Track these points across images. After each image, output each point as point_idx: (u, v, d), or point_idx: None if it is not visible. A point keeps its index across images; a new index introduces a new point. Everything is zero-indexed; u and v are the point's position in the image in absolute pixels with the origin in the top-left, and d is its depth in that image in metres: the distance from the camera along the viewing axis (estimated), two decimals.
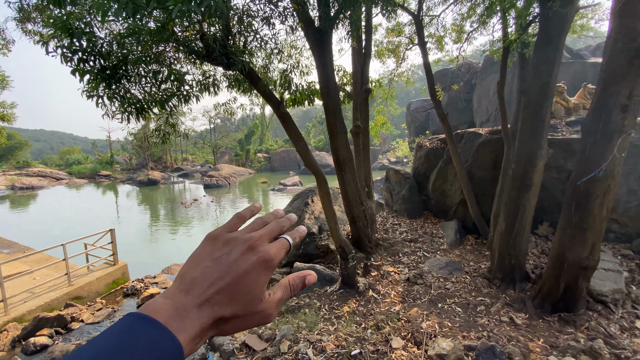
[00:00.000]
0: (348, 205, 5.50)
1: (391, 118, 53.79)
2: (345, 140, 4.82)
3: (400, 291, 4.48)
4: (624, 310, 3.53)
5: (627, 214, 5.13)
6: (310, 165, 4.11)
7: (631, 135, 2.96)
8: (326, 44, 4.46)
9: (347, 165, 5.13)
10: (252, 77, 3.51)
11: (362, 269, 5.30)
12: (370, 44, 6.05)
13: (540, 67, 3.96)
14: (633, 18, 2.74)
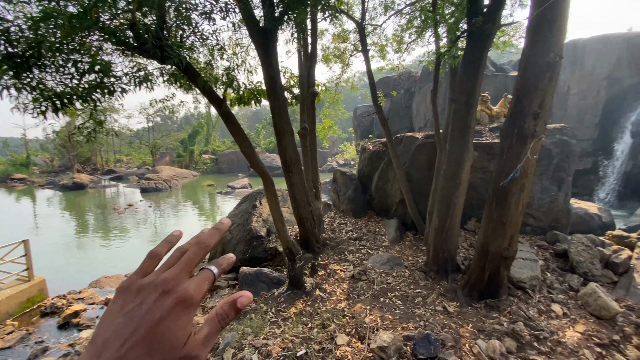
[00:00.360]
0: (296, 207, 5.49)
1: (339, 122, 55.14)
2: (292, 141, 4.82)
3: (346, 288, 4.60)
4: (541, 295, 4.03)
5: (541, 209, 5.90)
6: (256, 167, 4.01)
7: (542, 139, 3.41)
8: (271, 44, 4.42)
9: (295, 166, 5.13)
10: (190, 73, 3.33)
11: (310, 269, 5.33)
12: (315, 47, 6.14)
13: (466, 78, 4.37)
14: (544, 36, 3.16)
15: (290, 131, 4.72)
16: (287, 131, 4.63)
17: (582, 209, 9.38)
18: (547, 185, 5.75)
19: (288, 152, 4.73)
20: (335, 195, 8.32)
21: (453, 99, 4.57)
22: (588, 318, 3.51)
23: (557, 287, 4.08)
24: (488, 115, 6.74)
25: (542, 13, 3.02)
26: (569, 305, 3.74)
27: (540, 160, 5.91)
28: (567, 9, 3.03)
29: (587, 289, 3.70)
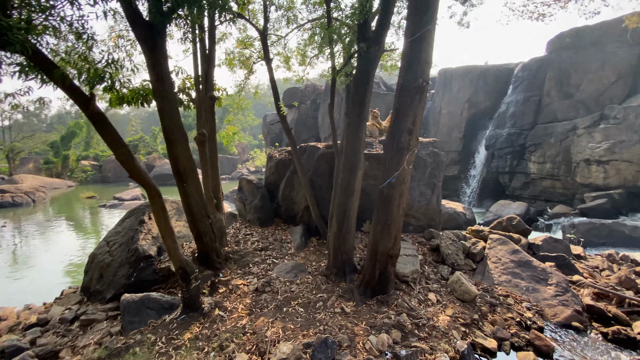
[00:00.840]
0: (192, 220, 5.06)
1: (250, 128, 53.99)
2: (185, 148, 4.42)
3: (248, 303, 4.42)
4: (420, 286, 4.61)
5: (420, 211, 6.82)
6: (137, 177, 3.53)
7: (415, 152, 3.93)
8: (158, 41, 4.00)
9: (190, 176, 4.72)
10: (43, 64, 2.72)
11: (209, 287, 4.96)
12: (214, 49, 5.85)
13: (357, 95, 4.78)
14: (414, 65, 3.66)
15: (184, 137, 4.33)
16: (179, 137, 4.24)
17: (452, 209, 11.24)
18: (423, 190, 6.70)
19: (181, 160, 4.33)
20: (241, 205, 8.01)
21: (347, 113, 4.93)
22: (455, 302, 4.18)
23: (433, 277, 4.76)
24: (378, 128, 7.53)
25: (412, 46, 3.52)
26: (441, 292, 4.39)
27: (418, 169, 6.88)
28: (432, 44, 3.61)
29: (454, 277, 4.41)
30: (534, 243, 5.87)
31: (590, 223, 9.01)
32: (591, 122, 12.53)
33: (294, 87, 27.47)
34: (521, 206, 12.43)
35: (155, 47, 3.98)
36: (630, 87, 12.42)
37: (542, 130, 14.34)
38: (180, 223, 6.85)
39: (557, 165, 13.51)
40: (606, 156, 11.75)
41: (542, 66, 15.17)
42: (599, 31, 13.18)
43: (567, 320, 3.93)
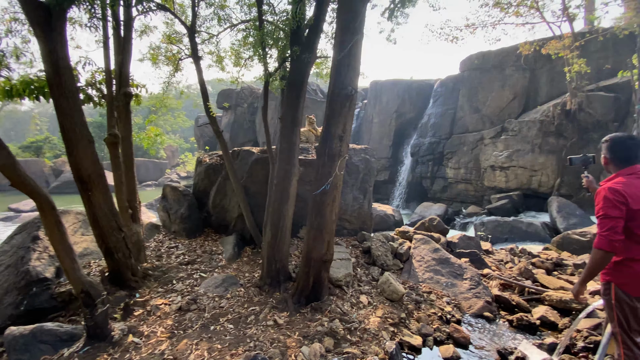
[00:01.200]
0: (100, 234, 4.40)
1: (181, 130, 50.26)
2: (90, 151, 3.81)
3: (170, 325, 3.97)
4: (353, 289, 4.68)
5: (353, 215, 7.00)
6: (21, 185, 2.89)
7: (346, 158, 3.99)
8: (56, 26, 3.40)
9: (96, 183, 4.10)
10: None
11: (122, 311, 4.33)
12: (130, 41, 5.24)
13: (290, 99, 4.72)
14: (344, 74, 3.72)
15: (87, 138, 3.74)
16: (81, 138, 3.64)
17: (382, 211, 11.86)
18: (356, 195, 6.92)
19: (84, 164, 3.72)
20: (165, 215, 7.28)
21: (281, 118, 4.83)
22: (385, 302, 4.33)
23: (364, 279, 4.88)
24: (314, 134, 7.58)
25: (342, 55, 3.58)
26: (372, 294, 4.52)
27: (351, 174, 7.10)
28: (360, 53, 3.73)
29: (383, 277, 4.58)
30: (451, 241, 6.47)
31: (496, 221, 10.36)
32: (495, 134, 14.52)
33: (229, 89, 26.42)
34: (441, 207, 13.75)
35: (51, 33, 3.37)
36: (524, 104, 14.75)
37: (457, 139, 16.14)
38: (88, 237, 5.95)
39: (469, 170, 15.31)
40: (507, 163, 13.70)
41: (456, 83, 17.14)
42: (499, 56, 15.43)
43: (480, 311, 4.35)
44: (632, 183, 2.01)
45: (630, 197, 1.95)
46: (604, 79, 12.39)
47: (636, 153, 2.11)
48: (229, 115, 26.39)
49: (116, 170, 5.17)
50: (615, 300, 2.08)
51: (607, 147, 2.24)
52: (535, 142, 12.99)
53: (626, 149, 2.12)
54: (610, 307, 2.13)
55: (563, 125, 12.42)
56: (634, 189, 1.98)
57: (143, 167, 33.18)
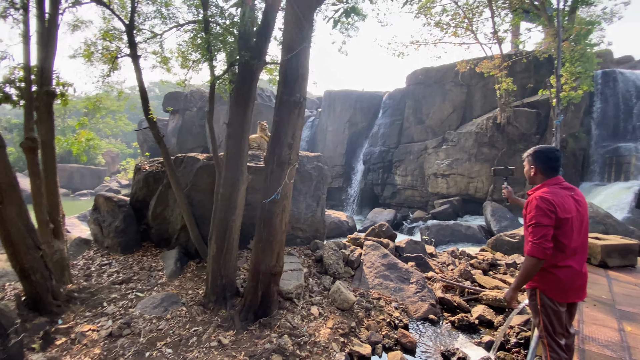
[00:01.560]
0: (14, 253, 3.79)
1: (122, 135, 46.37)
2: (1, 158, 3.26)
3: (97, 354, 3.50)
4: (304, 301, 4.56)
5: (306, 223, 6.92)
6: None
7: (296, 166, 3.92)
8: None
9: (7, 194, 3.53)
10: None
11: (41, 340, 3.73)
12: (55, 35, 4.66)
13: (238, 104, 4.53)
14: (292, 80, 3.66)
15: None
16: None
17: (337, 218, 11.98)
18: (309, 203, 6.88)
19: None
20: (97, 228, 6.52)
21: (228, 123, 4.61)
22: (336, 312, 4.29)
23: (316, 289, 4.81)
24: (267, 141, 7.41)
25: (289, 62, 3.54)
26: (323, 304, 4.45)
27: (305, 182, 7.05)
28: (308, 61, 3.71)
29: (334, 287, 4.54)
30: (399, 246, 6.70)
31: (439, 225, 11.03)
32: (437, 144, 15.58)
33: (177, 92, 24.98)
34: (391, 213, 14.31)
35: None
36: (461, 117, 16.07)
37: (404, 149, 17.03)
38: (2, 257, 5.11)
39: (415, 178, 16.21)
40: (447, 171, 14.74)
41: (403, 96, 18.15)
42: (440, 72, 16.69)
43: (425, 314, 4.52)
44: (558, 192, 2.09)
45: (558, 206, 2.03)
46: (528, 96, 14.03)
47: (559, 164, 2.27)
48: (176, 120, 24.94)
49: (34, 179, 4.50)
50: (541, 305, 2.16)
51: (535, 158, 2.28)
52: (472, 151, 14.20)
53: (553, 160, 2.22)
54: (536, 312, 2.21)
55: (495, 137, 13.76)
56: (560, 198, 2.07)
57: (77, 175, 29.84)
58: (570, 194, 2.14)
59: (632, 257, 4.79)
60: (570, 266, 2.08)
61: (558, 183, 2.19)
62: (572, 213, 2.07)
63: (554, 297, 2.12)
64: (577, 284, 2.12)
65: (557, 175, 2.23)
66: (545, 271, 2.12)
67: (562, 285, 2.10)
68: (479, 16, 13.62)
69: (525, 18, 13.24)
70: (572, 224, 2.06)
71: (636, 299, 3.65)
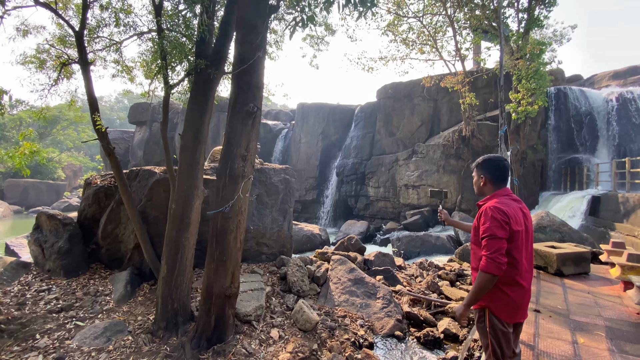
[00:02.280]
0: None
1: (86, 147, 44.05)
2: None
3: None
4: (264, 323, 4.27)
5: (272, 238, 6.66)
6: None
7: (251, 179, 3.71)
8: None
9: None
10: None
11: None
12: None
13: (193, 115, 4.30)
14: (245, 89, 3.50)
15: None
16: None
17: (309, 231, 11.74)
18: (276, 217, 6.64)
19: None
20: (37, 249, 5.89)
21: (182, 134, 4.35)
22: (297, 334, 4.04)
23: (278, 310, 4.54)
24: None
25: (243, 71, 3.38)
26: (285, 326, 4.19)
27: (271, 195, 6.83)
28: (262, 70, 3.58)
29: (297, 306, 4.31)
30: (368, 259, 6.58)
31: (409, 236, 11.09)
32: (407, 156, 15.90)
33: (144, 103, 24.08)
34: (364, 225, 14.29)
35: None
36: (429, 130, 16.57)
37: (376, 160, 17.24)
38: None
39: (388, 189, 16.38)
40: (417, 182, 15.01)
41: (374, 109, 18.51)
42: (409, 87, 17.23)
43: (391, 331, 4.37)
44: (509, 203, 1.99)
45: (511, 217, 1.92)
46: (490, 110, 14.72)
47: (508, 173, 2.19)
48: (143, 132, 23.96)
49: None
50: (490, 327, 2.01)
51: (485, 167, 2.18)
52: (440, 163, 14.60)
53: (502, 169, 2.14)
54: (484, 335, 2.06)
55: (461, 149, 14.25)
56: (512, 209, 1.96)
57: (33, 190, 27.67)
58: (519, 206, 2.06)
59: (585, 265, 4.94)
60: (521, 284, 1.97)
61: (507, 194, 2.11)
62: (522, 226, 1.98)
63: (504, 317, 1.97)
64: (526, 302, 2.02)
65: (505, 185, 2.15)
66: (496, 289, 1.96)
67: (513, 305, 1.96)
68: (442, 35, 14.28)
69: (484, 38, 14.04)
70: (522, 238, 1.97)
71: (589, 308, 3.71)
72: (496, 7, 11.63)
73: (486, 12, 12.07)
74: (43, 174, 31.21)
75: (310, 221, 17.92)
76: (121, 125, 47.66)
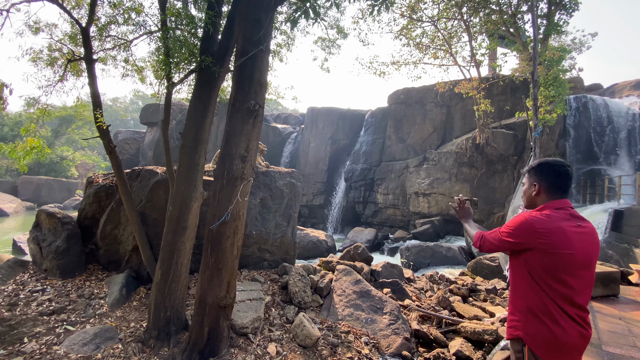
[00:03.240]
0: None
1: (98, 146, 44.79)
2: None
3: None
4: (261, 337, 4.00)
5: (275, 244, 6.40)
6: None
7: (251, 181, 3.47)
8: None
9: None
10: None
11: None
12: None
13: (195, 114, 4.11)
14: (246, 85, 3.28)
15: None
16: None
17: (315, 237, 11.45)
18: (280, 222, 6.39)
19: None
20: (35, 248, 5.78)
21: (182, 134, 4.16)
22: (296, 351, 3.75)
23: (277, 322, 4.26)
24: None
25: (243, 66, 3.17)
26: (283, 341, 3.91)
27: (275, 199, 6.59)
28: (265, 65, 3.36)
29: (297, 320, 4.02)
30: (375, 270, 6.25)
31: (419, 245, 10.68)
32: (418, 163, 15.50)
33: (155, 104, 24.35)
34: (371, 232, 13.92)
35: None
36: (442, 137, 16.16)
37: (386, 167, 16.88)
38: None
39: (397, 196, 15.98)
40: (428, 190, 14.59)
41: (384, 115, 18.20)
42: (421, 92, 16.88)
43: (399, 350, 4.04)
44: (555, 219, 1.62)
45: (546, 234, 1.57)
46: (505, 118, 14.26)
47: (570, 184, 1.74)
48: (154, 132, 24.18)
49: None
50: None
51: (541, 173, 1.76)
52: (452, 171, 14.16)
53: (563, 176, 1.72)
54: None
55: (474, 157, 13.79)
56: (555, 225, 1.59)
57: (45, 187, 28.15)
58: (575, 225, 1.62)
59: (614, 287, 4.52)
60: (573, 318, 1.56)
61: (562, 207, 1.67)
62: (574, 249, 1.57)
63: (543, 356, 1.59)
64: (577, 343, 1.58)
65: (564, 197, 1.72)
66: (537, 319, 1.60)
67: (558, 344, 1.57)
68: (457, 40, 13.94)
69: (500, 44, 13.64)
70: (573, 263, 1.56)
71: (622, 337, 3.32)
72: (514, 12, 11.27)
73: (503, 17, 11.70)
74: (57, 171, 31.82)
75: (317, 226, 17.62)
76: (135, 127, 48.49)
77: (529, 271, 1.64)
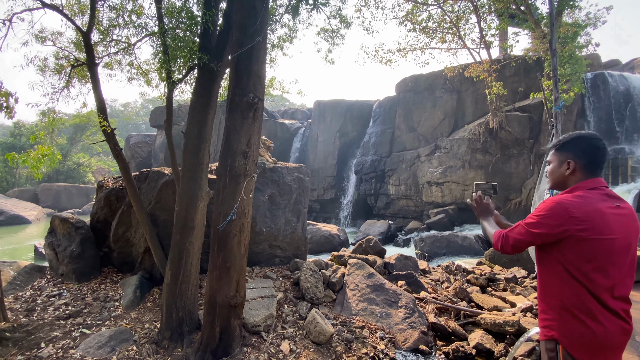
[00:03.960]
0: None
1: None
2: None
3: None
4: (274, 334, 3.94)
5: (285, 240, 6.34)
6: None
7: (254, 178, 3.38)
8: None
9: None
10: None
11: None
12: None
13: (197, 111, 4.04)
14: (244, 78, 3.17)
15: None
16: None
17: (327, 231, 11.36)
18: (289, 218, 6.31)
19: None
20: (51, 253, 5.88)
21: (185, 132, 4.10)
22: (310, 348, 3.68)
23: (290, 319, 4.20)
24: None
25: (241, 58, 3.05)
26: (296, 338, 3.84)
27: (284, 195, 6.51)
28: (263, 57, 3.23)
29: (309, 316, 3.94)
30: (389, 262, 6.12)
31: (434, 236, 10.46)
32: (429, 151, 15.15)
33: (164, 106, 24.66)
34: (384, 224, 13.72)
35: None
36: (453, 124, 15.72)
37: (396, 157, 16.58)
38: None
39: (409, 187, 15.70)
40: (441, 179, 14.26)
41: (393, 104, 17.83)
42: (430, 79, 16.44)
43: (415, 344, 3.92)
44: (590, 200, 1.44)
45: (581, 219, 1.39)
46: (519, 100, 13.73)
47: (606, 159, 1.55)
48: (163, 135, 24.48)
49: None
50: None
51: (577, 148, 1.56)
52: (465, 158, 13.78)
53: (603, 151, 1.53)
54: None
55: (488, 143, 13.37)
56: (590, 208, 1.41)
57: (64, 194, 28.99)
58: (614, 207, 1.45)
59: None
60: (614, 312, 1.39)
61: (597, 187, 1.49)
62: (615, 234, 1.39)
63: (581, 357, 1.42)
64: (618, 340, 1.41)
65: (599, 175, 1.54)
66: (573, 318, 1.43)
67: (598, 343, 1.40)
68: (465, 22, 13.44)
69: (511, 23, 13.08)
70: (610, 250, 1.39)
71: None
72: None
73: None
74: (75, 178, 32.73)
75: (329, 221, 17.54)
76: (146, 130, 49.31)
77: (563, 264, 1.44)
